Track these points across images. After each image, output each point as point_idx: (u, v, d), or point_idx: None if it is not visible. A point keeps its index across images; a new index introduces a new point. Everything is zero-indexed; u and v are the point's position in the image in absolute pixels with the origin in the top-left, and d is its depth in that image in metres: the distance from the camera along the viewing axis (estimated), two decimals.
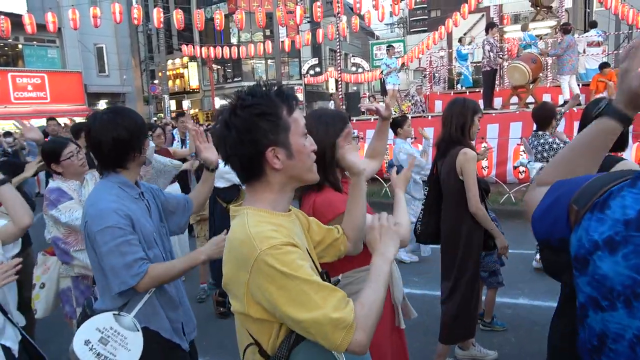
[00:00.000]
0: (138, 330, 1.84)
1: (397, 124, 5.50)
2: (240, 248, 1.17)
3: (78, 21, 14.78)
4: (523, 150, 7.62)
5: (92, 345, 1.78)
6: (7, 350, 2.00)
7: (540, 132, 4.48)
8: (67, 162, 2.87)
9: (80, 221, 2.59)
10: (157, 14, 14.67)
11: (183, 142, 7.48)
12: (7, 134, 9.85)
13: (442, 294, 3.23)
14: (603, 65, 10.25)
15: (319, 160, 1.35)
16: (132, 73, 23.24)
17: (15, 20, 15.18)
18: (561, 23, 11.78)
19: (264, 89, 1.25)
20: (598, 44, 12.12)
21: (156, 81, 29.50)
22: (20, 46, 21.03)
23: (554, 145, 4.38)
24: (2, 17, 14.70)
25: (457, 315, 3.09)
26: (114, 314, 1.85)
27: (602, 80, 10.01)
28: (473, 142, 3.15)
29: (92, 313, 1.92)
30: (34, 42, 21.12)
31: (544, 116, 4.45)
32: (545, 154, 4.41)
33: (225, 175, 4.10)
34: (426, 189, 3.36)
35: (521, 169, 7.97)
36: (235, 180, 4.04)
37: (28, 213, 2.20)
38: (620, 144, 2.34)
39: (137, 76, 23.42)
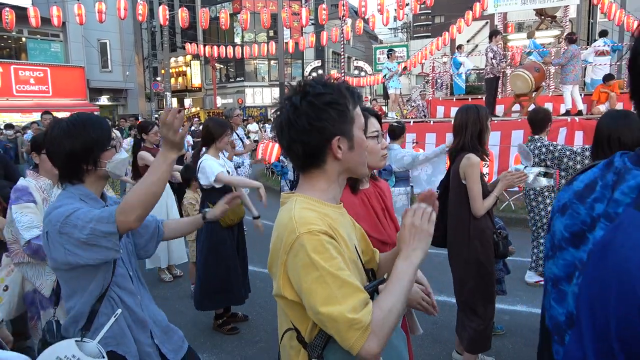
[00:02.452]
0: (103, 357, 1.72)
1: (400, 132, 5.47)
2: (283, 230, 1.20)
3: (84, 16, 14.79)
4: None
5: None
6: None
7: (536, 137, 4.52)
8: (45, 157, 2.73)
9: (25, 227, 2.55)
10: (162, 12, 14.68)
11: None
12: (9, 126, 9.85)
13: (461, 302, 3.17)
14: (608, 77, 10.27)
15: None
16: (135, 69, 23.28)
17: (20, 13, 15.19)
18: (565, 33, 11.81)
19: (332, 82, 1.27)
20: (603, 53, 12.13)
21: (159, 78, 29.54)
22: (23, 39, 21.05)
23: (551, 148, 4.40)
24: (7, 9, 14.70)
25: (486, 327, 3.07)
26: (76, 341, 1.73)
27: (604, 91, 10.03)
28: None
29: (52, 340, 1.80)
30: (38, 36, 21.14)
31: (540, 119, 4.50)
32: (542, 157, 4.44)
33: (207, 174, 3.85)
34: (437, 191, 3.37)
35: None
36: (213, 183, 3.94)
37: None
38: None
39: (140, 73, 23.46)
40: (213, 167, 3.84)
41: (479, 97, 12.49)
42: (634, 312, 0.63)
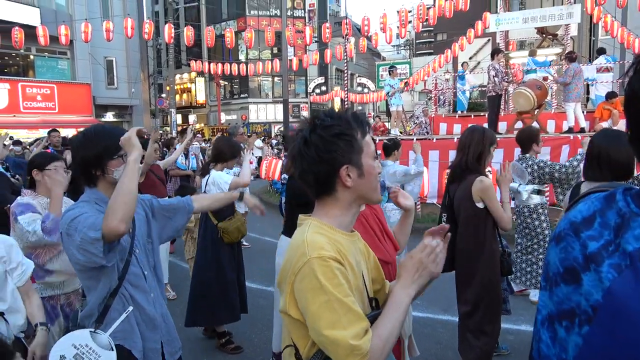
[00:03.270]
0: (112, 350, 1.85)
1: (393, 148, 5.47)
2: (295, 251, 1.25)
3: (90, 34, 15.03)
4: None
5: None
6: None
7: (527, 155, 4.64)
8: (48, 172, 2.83)
9: (30, 225, 2.67)
10: (168, 30, 14.92)
11: (186, 155, 7.54)
12: (17, 142, 9.95)
13: (470, 323, 3.16)
14: (610, 95, 10.30)
15: None
16: (141, 86, 23.51)
17: (29, 31, 15.46)
18: (566, 51, 11.92)
19: (340, 113, 1.35)
20: (607, 70, 12.22)
21: (164, 95, 29.83)
22: (31, 57, 21.35)
23: (541, 164, 4.50)
24: (17, 28, 14.96)
25: (493, 345, 3.09)
26: (90, 332, 1.87)
27: (607, 108, 10.07)
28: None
29: (73, 328, 1.93)
30: (46, 53, 21.44)
31: (526, 138, 4.60)
32: (535, 174, 4.53)
33: (217, 188, 3.90)
34: (445, 215, 3.38)
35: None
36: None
37: None
38: (626, 172, 2.37)
39: (145, 89, 23.69)
40: (223, 177, 3.93)
41: (482, 114, 12.57)
42: None
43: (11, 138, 10.40)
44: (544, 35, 13.91)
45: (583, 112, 9.88)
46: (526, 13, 12.91)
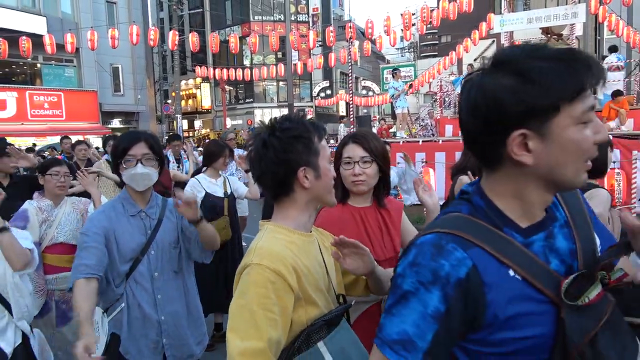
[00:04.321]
0: (105, 335, 2.03)
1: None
2: (247, 254, 1.30)
3: (96, 42, 15.17)
4: None
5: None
6: (1, 352, 2.15)
7: None
8: (48, 177, 3.02)
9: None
10: (172, 37, 15.01)
11: (178, 161, 7.49)
12: (30, 150, 10.04)
13: None
14: (616, 93, 10.23)
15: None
16: (146, 93, 23.66)
17: (36, 40, 15.62)
18: None
19: (299, 116, 1.40)
20: (618, 69, 12.13)
21: (169, 101, 30.00)
22: (38, 65, 21.55)
23: None
24: (24, 37, 15.12)
25: None
26: (102, 312, 2.08)
27: (614, 108, 10.00)
28: None
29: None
30: (52, 62, 21.64)
31: None
32: None
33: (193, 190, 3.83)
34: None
35: None
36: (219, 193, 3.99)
37: (22, 260, 2.27)
38: (600, 169, 2.33)
39: (151, 96, 23.82)
40: (196, 187, 3.93)
41: None
42: None
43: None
44: (549, 36, 13.88)
45: None
46: (531, 13, 12.87)
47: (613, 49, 12.68)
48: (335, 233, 1.72)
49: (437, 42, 48.84)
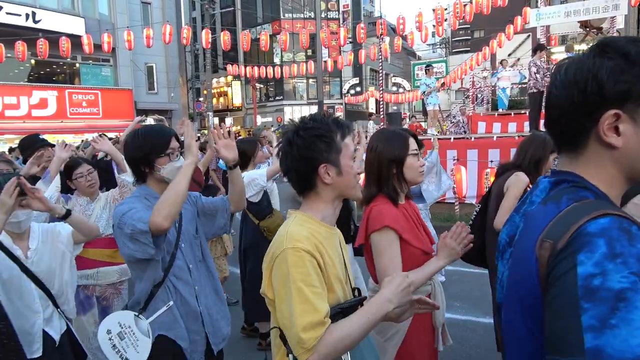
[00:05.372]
0: (149, 338, 2.00)
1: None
2: (277, 241, 1.38)
3: (132, 42, 15.55)
4: None
5: (112, 336, 2.00)
6: (49, 338, 2.22)
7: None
8: (76, 182, 3.21)
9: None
10: (205, 35, 15.24)
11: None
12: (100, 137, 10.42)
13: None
14: None
15: (376, 173, 1.61)
16: (179, 91, 24.15)
17: (75, 40, 16.15)
18: None
19: (324, 117, 1.48)
20: None
21: (201, 99, 30.52)
22: (77, 65, 22.27)
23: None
24: (64, 38, 15.66)
25: None
26: (135, 315, 2.03)
27: None
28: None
29: (124, 309, 2.13)
30: (90, 61, 22.32)
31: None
32: None
33: (253, 184, 3.84)
34: (479, 205, 3.32)
35: None
36: (264, 185, 3.94)
37: (94, 232, 2.52)
38: None
39: (184, 94, 24.32)
40: (252, 174, 3.92)
41: (522, 112, 12.21)
42: (528, 284, 0.88)
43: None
44: (588, 29, 13.38)
45: None
46: (569, 7, 12.42)
47: None
48: (404, 231, 1.91)
49: (469, 37, 47.93)
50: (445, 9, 16.49)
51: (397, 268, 1.85)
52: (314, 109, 33.10)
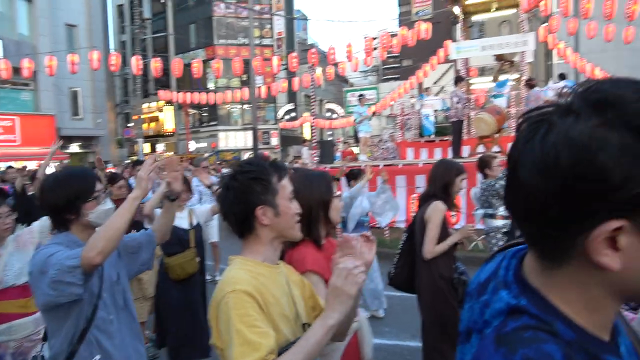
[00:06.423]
0: None
1: (354, 177, 5.58)
2: (219, 288, 1.40)
3: (54, 67, 14.84)
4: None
5: None
6: None
7: (484, 180, 4.88)
8: None
9: None
10: (135, 62, 14.86)
11: (129, 186, 7.23)
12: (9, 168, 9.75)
13: (429, 347, 3.21)
14: None
15: (303, 217, 1.56)
16: (107, 116, 23.22)
17: None
18: (523, 76, 12.48)
19: (260, 160, 1.54)
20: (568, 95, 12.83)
21: (131, 124, 29.51)
22: None
23: (491, 187, 4.69)
24: None
25: None
26: None
27: None
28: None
29: None
30: (7, 85, 20.96)
31: (481, 166, 4.88)
32: (486, 198, 4.73)
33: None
34: (406, 232, 3.50)
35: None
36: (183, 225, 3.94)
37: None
38: None
39: (112, 119, 23.42)
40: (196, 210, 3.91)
41: (446, 138, 12.90)
42: None
43: None
44: (503, 62, 14.49)
45: None
46: (484, 41, 13.46)
47: (562, 77, 13.44)
48: (326, 272, 1.83)
49: (399, 65, 50.19)
50: (374, 39, 17.27)
51: None
52: (249, 135, 32.98)
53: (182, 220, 3.95)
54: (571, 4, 13.37)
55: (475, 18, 14.89)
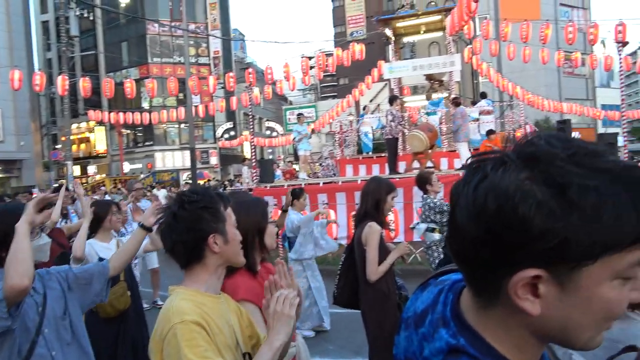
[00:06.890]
0: None
1: (295, 196, 5.65)
2: (162, 319, 1.38)
3: None
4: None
5: None
6: None
7: (424, 196, 5.03)
8: None
9: None
10: (61, 82, 14.10)
11: (65, 216, 6.55)
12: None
13: None
14: (489, 132, 11.55)
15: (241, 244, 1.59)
16: (31, 138, 21.87)
17: None
18: (452, 94, 13.19)
19: (204, 189, 1.56)
20: (488, 112, 13.70)
21: (59, 146, 27.91)
22: None
23: (431, 205, 4.89)
24: None
25: None
26: None
27: (489, 145, 11.23)
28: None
29: None
30: None
31: (420, 182, 5.06)
32: (428, 213, 4.91)
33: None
34: (346, 250, 3.56)
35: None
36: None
37: None
38: None
39: (37, 141, 22.08)
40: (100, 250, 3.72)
41: (383, 155, 13.31)
42: None
43: None
44: (432, 81, 15.25)
45: (469, 150, 10.90)
46: (415, 62, 14.12)
47: (483, 95, 14.38)
48: (260, 299, 1.76)
49: (336, 84, 51.36)
50: (310, 59, 17.60)
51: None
52: (186, 154, 32.24)
53: (110, 253, 3.73)
54: (492, 28, 14.39)
55: (406, 39, 15.59)
